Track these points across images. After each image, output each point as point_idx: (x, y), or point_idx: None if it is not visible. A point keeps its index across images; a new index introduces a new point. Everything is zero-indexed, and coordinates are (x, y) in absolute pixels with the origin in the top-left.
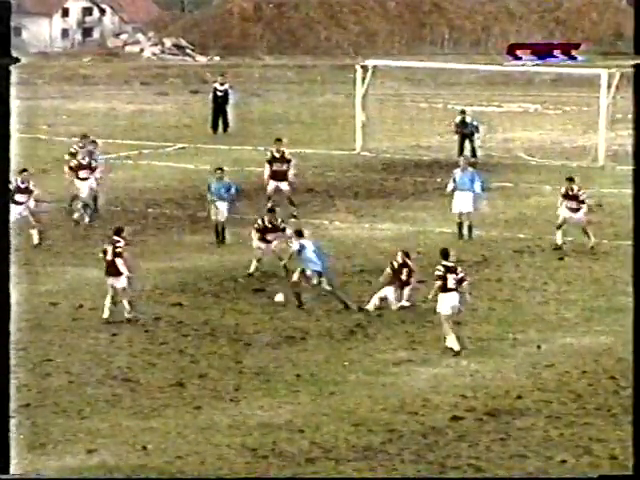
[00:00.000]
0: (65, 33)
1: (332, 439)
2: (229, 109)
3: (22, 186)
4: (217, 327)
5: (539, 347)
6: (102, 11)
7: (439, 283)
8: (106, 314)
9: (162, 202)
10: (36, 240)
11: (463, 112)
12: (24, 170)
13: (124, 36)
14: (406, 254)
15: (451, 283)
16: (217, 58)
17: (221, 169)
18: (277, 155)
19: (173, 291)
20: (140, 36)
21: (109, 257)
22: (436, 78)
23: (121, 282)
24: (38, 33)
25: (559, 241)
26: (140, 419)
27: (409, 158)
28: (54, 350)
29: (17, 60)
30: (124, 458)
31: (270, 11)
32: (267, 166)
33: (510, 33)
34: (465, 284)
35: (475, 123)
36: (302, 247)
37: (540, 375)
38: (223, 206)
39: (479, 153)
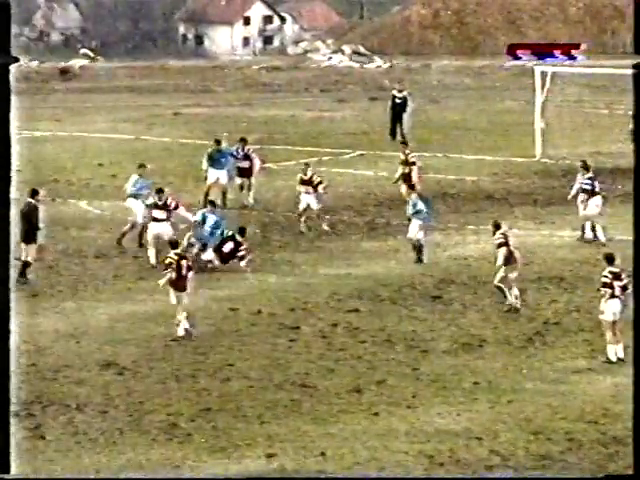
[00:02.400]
0: (246, 41)
1: (510, 447)
2: (407, 116)
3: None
4: (394, 334)
5: None
6: (282, 19)
7: (609, 291)
8: (181, 333)
9: (340, 209)
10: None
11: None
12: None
13: (304, 44)
14: None
15: (617, 290)
16: (396, 63)
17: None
18: (403, 158)
19: (350, 297)
20: (319, 43)
21: (184, 272)
22: (617, 84)
23: (187, 297)
24: (220, 41)
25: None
26: (318, 424)
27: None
28: (234, 355)
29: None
30: (303, 463)
31: (449, 17)
32: (400, 167)
33: None
34: (628, 291)
35: None
36: (204, 219)
37: None
38: None
39: None
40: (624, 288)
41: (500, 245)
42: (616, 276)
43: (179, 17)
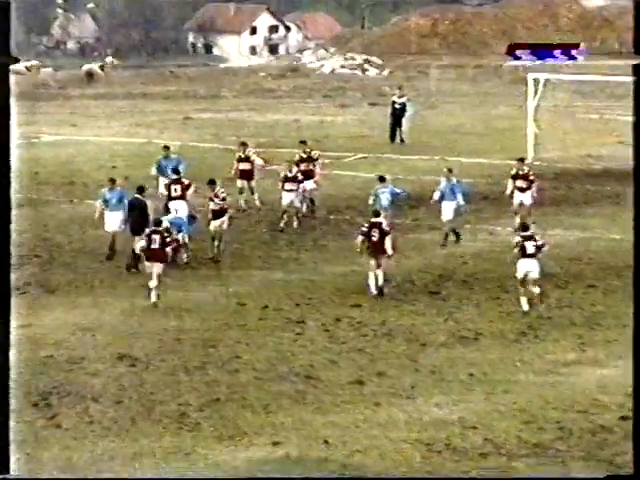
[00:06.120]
0: (253, 49)
1: (504, 435)
2: (406, 121)
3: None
4: (394, 328)
5: None
6: (287, 29)
7: (519, 251)
8: (154, 299)
9: (343, 209)
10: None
11: None
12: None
13: (308, 52)
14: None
15: (530, 249)
16: (395, 70)
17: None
18: (304, 155)
19: (353, 293)
20: (322, 52)
21: (156, 245)
22: (606, 90)
23: (161, 267)
24: (228, 49)
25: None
26: (322, 414)
27: (580, 167)
28: (242, 348)
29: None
30: (307, 451)
31: (446, 27)
32: (295, 167)
33: None
34: (544, 249)
35: None
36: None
37: None
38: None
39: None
40: (538, 248)
41: (360, 233)
42: (527, 238)
43: (189, 27)
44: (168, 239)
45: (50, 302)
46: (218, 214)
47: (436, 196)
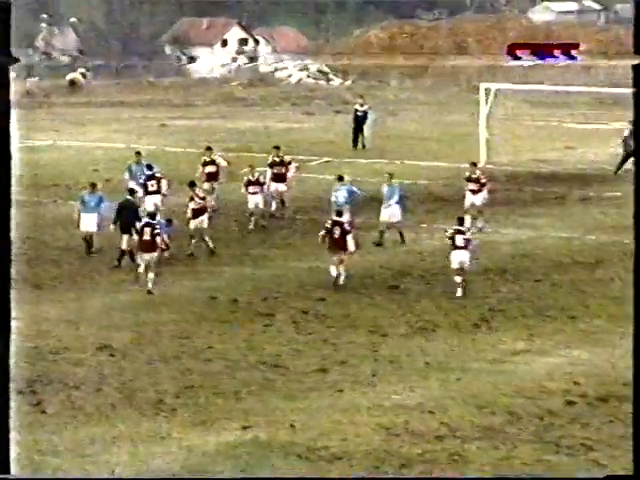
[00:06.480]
0: (232, 60)
1: (458, 420)
2: (367, 127)
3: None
4: (357, 319)
5: None
6: (256, 42)
7: (450, 243)
8: (150, 285)
9: (309, 209)
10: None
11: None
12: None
13: (276, 63)
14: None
15: (459, 242)
16: (357, 80)
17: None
18: (277, 159)
19: (318, 287)
20: (288, 63)
21: (147, 237)
22: (551, 99)
23: (154, 257)
24: (200, 61)
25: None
26: (289, 400)
27: (529, 170)
28: (214, 339)
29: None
30: (275, 435)
31: (403, 40)
32: (269, 169)
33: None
34: (474, 243)
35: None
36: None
37: None
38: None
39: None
40: (467, 241)
41: (323, 229)
42: (458, 232)
43: (165, 39)
44: (157, 230)
45: (36, 297)
46: (198, 213)
47: (386, 200)
